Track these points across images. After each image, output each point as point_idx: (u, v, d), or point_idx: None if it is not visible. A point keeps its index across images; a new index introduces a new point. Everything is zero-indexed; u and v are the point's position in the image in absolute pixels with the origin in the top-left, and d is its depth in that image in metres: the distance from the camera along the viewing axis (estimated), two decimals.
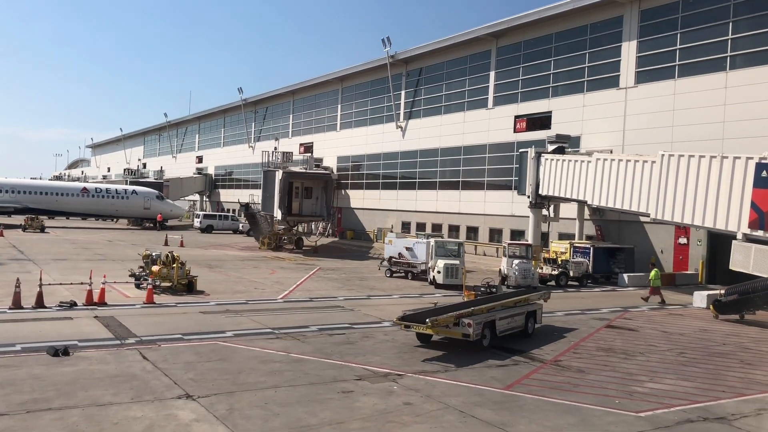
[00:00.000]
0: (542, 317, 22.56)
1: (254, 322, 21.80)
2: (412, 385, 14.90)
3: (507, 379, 15.91)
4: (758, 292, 25.52)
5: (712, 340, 22.65)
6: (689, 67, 42.78)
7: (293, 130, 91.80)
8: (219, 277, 33.54)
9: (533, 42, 54.67)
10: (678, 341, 22.07)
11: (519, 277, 34.36)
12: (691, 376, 17.15)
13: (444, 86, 64.30)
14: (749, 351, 20.95)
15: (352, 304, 26.73)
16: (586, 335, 22.34)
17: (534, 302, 22.32)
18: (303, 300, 27.33)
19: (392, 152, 70.83)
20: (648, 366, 18.11)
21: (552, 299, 31.22)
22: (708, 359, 19.44)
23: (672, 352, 20.28)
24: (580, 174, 40.24)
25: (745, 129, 39.09)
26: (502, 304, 20.79)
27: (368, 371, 16.00)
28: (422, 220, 66.19)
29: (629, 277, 38.27)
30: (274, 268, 39.17)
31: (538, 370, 17.00)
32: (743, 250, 28.81)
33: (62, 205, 73.44)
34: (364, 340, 19.60)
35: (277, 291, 29.55)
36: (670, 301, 32.66)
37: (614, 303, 30.94)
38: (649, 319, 26.55)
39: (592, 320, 25.68)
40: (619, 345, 20.90)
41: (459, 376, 15.95)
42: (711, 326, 25.56)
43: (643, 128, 45.04)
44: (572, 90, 50.90)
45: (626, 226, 46.05)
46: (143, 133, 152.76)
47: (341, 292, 30.34)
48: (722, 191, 30.11)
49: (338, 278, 35.65)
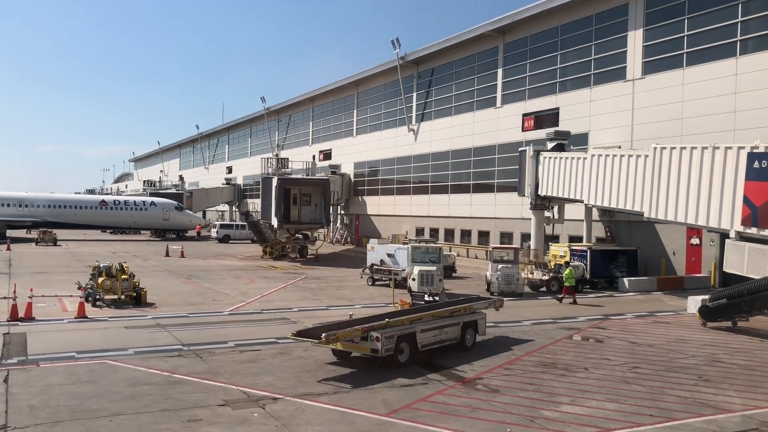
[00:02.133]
0: (486, 328, 20.37)
1: (172, 337, 20.30)
2: (278, 412, 13.11)
3: (399, 402, 13.97)
4: (744, 296, 22.81)
5: (683, 351, 20.16)
6: (697, 54, 39.83)
7: (313, 138, 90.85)
8: (186, 288, 32.28)
9: (539, 36, 52.20)
10: (640, 354, 19.68)
11: (502, 283, 32.18)
12: (624, 397, 14.88)
13: (453, 86, 62.23)
14: (717, 365, 18.44)
15: (304, 316, 25.01)
16: (538, 348, 20.14)
17: (477, 312, 20.19)
18: (252, 312, 25.76)
19: (405, 156, 69.03)
20: (581, 384, 15.89)
21: (531, 306, 29.27)
22: (661, 375, 17.06)
23: (624, 366, 17.95)
24: (576, 172, 37.77)
25: (757, 118, 36.03)
26: (433, 314, 18.78)
27: (244, 395, 14.27)
28: (435, 225, 64.15)
29: (630, 282, 35.58)
30: (256, 278, 37.79)
31: (445, 391, 14.97)
32: (737, 250, 26.05)
33: (81, 218, 73.78)
34: (274, 357, 17.87)
35: (235, 302, 28.07)
36: (667, 307, 30.10)
37: (600, 310, 28.45)
38: (625, 328, 24.08)
39: (558, 330, 23.39)
40: (567, 359, 18.65)
41: (344, 399, 14.07)
42: (692, 335, 22.97)
43: (652, 122, 42.19)
44: (579, 84, 48.27)
45: (637, 227, 43.13)
46: (179, 145, 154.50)
47: (303, 303, 28.68)
48: (714, 185, 27.40)
49: (314, 288, 34.01)
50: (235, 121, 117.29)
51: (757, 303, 22.44)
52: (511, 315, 26.38)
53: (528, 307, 28.98)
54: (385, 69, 70.68)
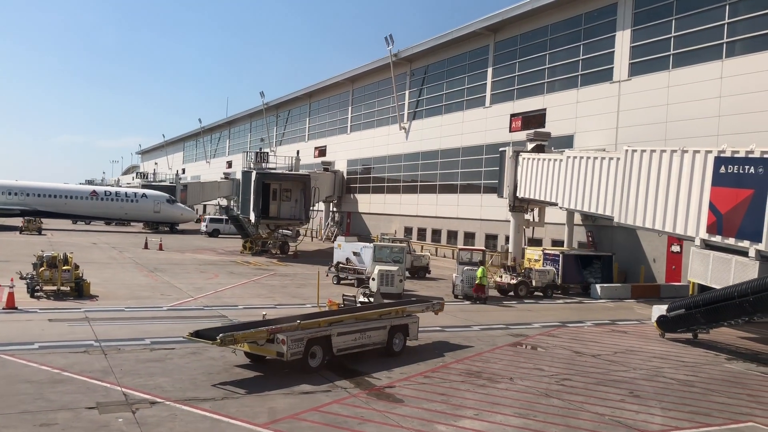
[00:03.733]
0: (418, 332, 19.34)
1: (91, 332, 19.46)
2: (147, 418, 12.19)
3: (286, 411, 13.02)
4: (699, 307, 21.65)
5: (627, 364, 19.06)
6: (684, 56, 38.61)
7: (309, 134, 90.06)
8: (142, 282, 31.48)
9: (530, 35, 51.06)
10: (579, 365, 18.61)
11: (465, 285, 31.13)
12: (536, 412, 13.85)
13: (445, 85, 61.21)
14: (656, 380, 17.35)
15: (244, 314, 24.02)
16: (472, 355, 19.12)
17: (411, 315, 19.17)
18: (193, 308, 24.88)
19: (396, 155, 68.06)
20: (496, 396, 14.88)
21: (490, 311, 28.18)
22: (589, 389, 16.00)
23: (554, 378, 16.90)
24: (551, 174, 36.65)
25: (741, 123, 34.80)
26: (356, 316, 17.79)
27: (123, 397, 13.39)
28: (423, 225, 63.16)
29: (602, 288, 34.41)
30: (222, 273, 36.92)
31: (344, 400, 13.99)
32: (701, 258, 24.87)
33: (71, 208, 73.24)
34: (184, 357, 16.97)
35: (182, 298, 27.23)
36: (635, 315, 29.00)
37: (561, 316, 27.36)
38: (576, 337, 23.00)
39: (505, 336, 22.35)
40: (496, 368, 17.62)
41: (228, 406, 13.13)
42: (645, 347, 21.85)
43: (637, 125, 40.99)
44: (566, 85, 47.12)
45: (619, 233, 41.87)
46: (182, 139, 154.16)
47: (254, 300, 27.75)
48: (682, 190, 26.21)
49: (275, 285, 33.09)
50: (236, 116, 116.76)
51: (713, 315, 21.26)
52: (463, 319, 25.44)
53: (486, 311, 27.95)
54: (379, 66, 69.66)
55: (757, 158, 22.66)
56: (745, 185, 22.96)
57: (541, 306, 30.53)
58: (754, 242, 22.37)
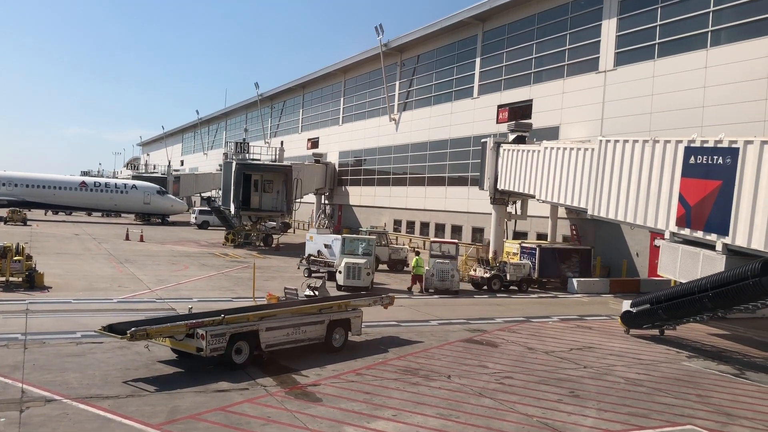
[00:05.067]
0: (362, 327, 18.54)
1: (22, 325, 18.80)
2: (33, 417, 11.52)
3: (190, 410, 12.28)
4: (662, 303, 20.78)
5: (579, 361, 18.23)
6: (669, 45, 37.59)
7: (303, 125, 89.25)
8: (105, 273, 30.81)
9: (518, 24, 50.04)
10: (528, 362, 17.80)
11: (436, 279, 30.33)
12: (460, 412, 13.07)
13: (434, 75, 60.28)
14: (603, 378, 16.52)
15: (198, 307, 23.15)
16: (419, 351, 18.34)
17: (355, 309, 18.37)
18: (145, 301, 24.16)
19: (386, 146, 67.22)
20: (425, 396, 14.10)
21: (456, 305, 27.35)
22: (528, 388, 15.20)
23: (496, 376, 16.11)
24: (529, 165, 35.80)
25: (726, 114, 33.82)
26: (292, 311, 17.01)
27: (20, 394, 12.69)
28: (412, 218, 62.37)
29: (579, 283, 33.56)
30: (194, 265, 36.22)
31: (258, 399, 13.24)
32: (671, 252, 23.98)
33: (60, 199, 72.76)
34: (109, 352, 16.27)
35: (140, 290, 26.57)
36: (607, 311, 28.16)
37: (529, 311, 26.52)
38: (537, 332, 22.18)
39: (461, 332, 21.55)
40: (438, 365, 16.82)
41: (129, 404, 12.40)
42: (605, 343, 21.01)
43: (622, 116, 40.03)
44: (553, 76, 46.15)
45: (603, 226, 40.85)
46: (181, 130, 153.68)
47: (214, 293, 27.05)
48: (653, 182, 25.31)
49: (242, 278, 32.29)
50: (233, 107, 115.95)
51: (674, 311, 20.39)
52: (425, 314, 24.67)
53: (451, 305, 27.15)
54: (371, 56, 68.70)
55: (725, 148, 21.75)
56: (714, 176, 22.06)
57: (512, 300, 29.70)
58: (721, 235, 21.48)
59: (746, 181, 20.78)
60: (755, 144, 20.60)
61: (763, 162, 20.21)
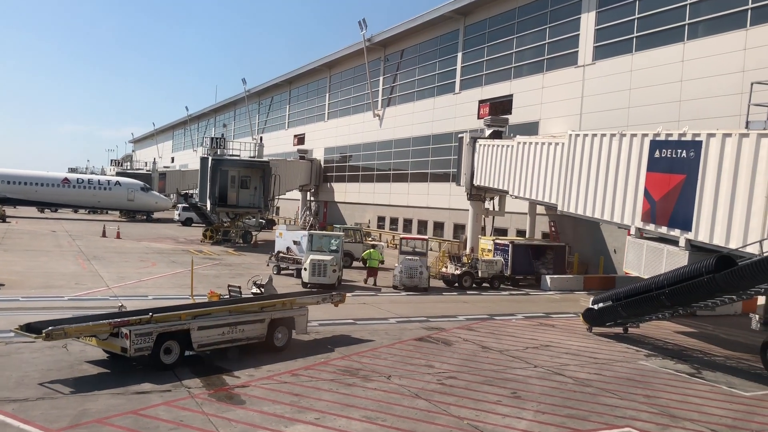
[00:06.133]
0: (307, 325, 17.95)
1: None
2: None
3: (96, 414, 11.68)
4: (621, 300, 20.21)
5: (530, 360, 17.66)
6: (647, 39, 37.02)
7: (290, 121, 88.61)
8: (68, 270, 30.22)
9: (499, 18, 49.41)
10: (478, 361, 17.22)
11: (404, 276, 29.77)
12: (389, 415, 12.49)
13: (417, 71, 59.63)
14: (551, 379, 15.95)
15: (150, 305, 22.62)
16: (366, 350, 17.77)
17: (300, 307, 17.77)
18: (98, 298, 23.55)
19: (370, 143, 66.59)
20: (358, 398, 13.53)
21: (421, 303, 26.78)
22: (470, 389, 14.63)
23: (439, 376, 15.54)
24: (503, 160, 35.23)
25: (703, 108, 33.26)
26: (231, 309, 16.40)
27: None
28: (395, 214, 61.75)
29: (552, 280, 33.03)
30: (163, 263, 35.59)
31: (176, 401, 12.64)
32: (636, 249, 23.45)
33: (41, 195, 71.96)
34: (38, 351, 15.67)
35: (97, 287, 26.00)
36: (577, 308, 27.48)
37: (494, 309, 25.95)
38: (495, 331, 21.61)
39: (417, 330, 20.99)
40: (381, 365, 16.24)
41: (34, 408, 11.83)
42: (564, 342, 20.45)
43: (600, 111, 39.46)
44: (532, 70, 45.57)
45: (581, 222, 40.11)
46: (171, 127, 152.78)
47: (173, 290, 26.41)
48: (620, 176, 24.75)
49: (209, 275, 31.73)
50: (221, 103, 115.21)
51: (633, 308, 19.81)
52: (385, 311, 24.13)
53: (416, 303, 26.60)
54: (355, 51, 68.00)
55: (689, 141, 21.21)
56: (678, 170, 21.52)
57: (480, 298, 29.15)
58: (684, 231, 20.96)
59: (709, 175, 20.25)
60: (717, 137, 20.05)
61: (725, 155, 19.66)
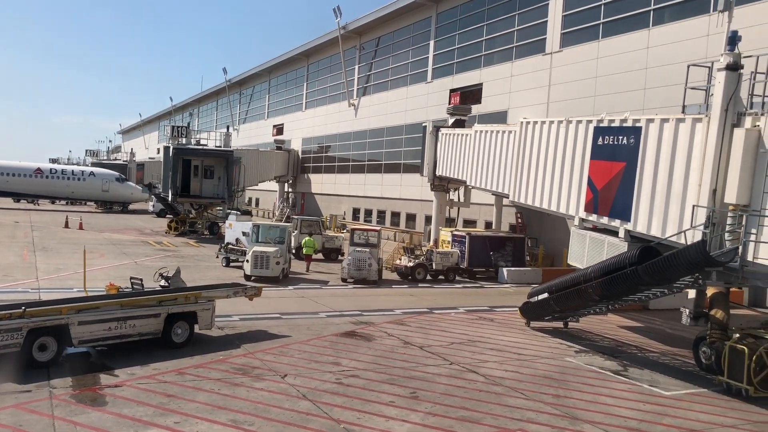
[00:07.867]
0: (213, 320, 16.98)
1: None
2: None
3: None
4: (553, 293, 19.26)
5: (449, 357, 16.70)
6: (613, 25, 35.94)
7: (269, 111, 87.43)
8: (6, 261, 29.26)
9: (470, 5, 48.24)
10: (393, 358, 16.28)
11: (352, 268, 28.78)
12: (259, 419, 11.55)
13: (391, 59, 58.48)
14: (460, 378, 15.00)
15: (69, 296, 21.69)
16: (276, 346, 16.82)
17: (206, 301, 16.77)
18: (18, 291, 22.55)
19: (346, 133, 65.50)
20: (235, 400, 12.57)
21: (359, 296, 25.85)
22: (367, 389, 13.68)
23: (340, 374, 14.59)
24: (462, 150, 34.24)
25: (666, 96, 32.08)
26: (122, 302, 15.41)
27: None
28: (370, 206, 60.71)
29: (509, 272, 32.06)
30: (114, 254, 34.57)
31: (30, 404, 11.68)
32: (580, 240, 22.48)
33: (13, 186, 70.76)
34: None
35: (28, 278, 25.08)
36: None
37: (437, 302, 25.00)
38: (426, 325, 20.66)
39: (344, 324, 20.03)
40: (281, 363, 15.28)
41: None
42: (495, 337, 19.50)
43: (567, 99, 38.35)
44: (502, 58, 44.46)
45: (547, 214, 39.35)
46: (158, 118, 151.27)
47: (105, 283, 25.30)
48: (566, 165, 23.78)
49: (156, 267, 30.56)
50: (204, 93, 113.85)
51: (565, 301, 18.87)
52: (320, 305, 23.21)
53: (358, 296, 25.62)
54: (332, 39, 66.77)
55: (629, 127, 20.26)
56: (619, 158, 20.56)
57: (430, 291, 28.18)
58: (624, 221, 20.03)
59: (647, 162, 19.31)
60: (656, 122, 19.11)
61: (663, 141, 18.72)
